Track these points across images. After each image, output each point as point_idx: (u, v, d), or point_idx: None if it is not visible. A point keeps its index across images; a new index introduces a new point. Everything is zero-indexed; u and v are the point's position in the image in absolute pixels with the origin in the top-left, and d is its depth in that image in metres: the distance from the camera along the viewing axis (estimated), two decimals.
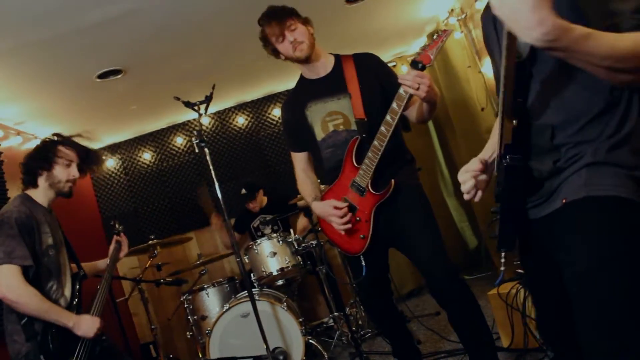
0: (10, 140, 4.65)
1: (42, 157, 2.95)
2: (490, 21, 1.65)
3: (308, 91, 2.95)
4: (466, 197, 1.62)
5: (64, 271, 2.93)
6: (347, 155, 2.83)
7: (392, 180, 2.74)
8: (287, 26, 2.80)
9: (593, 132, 1.43)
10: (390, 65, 5.11)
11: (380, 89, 2.84)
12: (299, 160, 3.12)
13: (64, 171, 2.96)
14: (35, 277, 2.71)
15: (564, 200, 1.46)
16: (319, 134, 2.93)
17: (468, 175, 1.61)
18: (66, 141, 3.05)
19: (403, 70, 6.39)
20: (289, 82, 6.27)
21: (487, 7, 1.72)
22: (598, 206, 1.40)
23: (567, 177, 1.46)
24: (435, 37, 2.51)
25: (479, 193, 1.61)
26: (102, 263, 3.36)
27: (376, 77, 2.87)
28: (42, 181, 2.92)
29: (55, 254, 2.87)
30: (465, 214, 6.46)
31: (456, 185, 6.40)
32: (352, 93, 2.82)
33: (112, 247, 3.41)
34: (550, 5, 1.15)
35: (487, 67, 4.88)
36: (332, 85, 2.89)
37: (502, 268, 1.56)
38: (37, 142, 5.12)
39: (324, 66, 2.94)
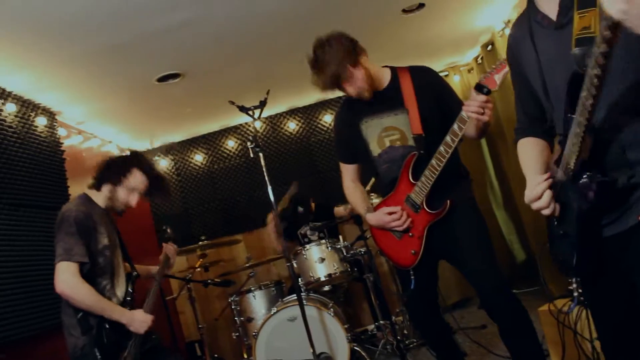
0: (72, 139, 4.83)
1: (116, 171, 3.04)
2: (526, 36, 1.63)
3: (364, 105, 2.88)
4: (547, 212, 1.58)
5: (118, 271, 3.02)
6: (404, 171, 2.81)
7: (448, 201, 2.72)
8: (342, 81, 2.72)
9: None
10: (442, 74, 5.09)
11: (437, 104, 2.80)
12: (349, 171, 3.11)
13: (126, 194, 3.05)
14: (90, 274, 2.80)
15: (639, 218, 1.42)
16: (375, 150, 2.91)
17: (544, 186, 1.57)
18: (145, 167, 3.11)
19: (455, 80, 6.35)
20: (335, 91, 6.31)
21: (518, 22, 1.70)
22: None
23: None
24: (502, 61, 2.48)
25: (558, 206, 1.57)
26: (155, 269, 3.45)
27: (433, 92, 2.82)
28: (105, 189, 3.02)
29: (110, 254, 2.96)
30: (514, 227, 6.37)
31: (506, 197, 6.32)
32: (409, 108, 2.78)
33: (163, 254, 3.47)
34: None
35: None
36: (389, 100, 2.84)
37: (575, 294, 1.53)
38: (97, 141, 5.32)
39: (379, 81, 2.86)
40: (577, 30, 1.36)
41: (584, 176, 1.45)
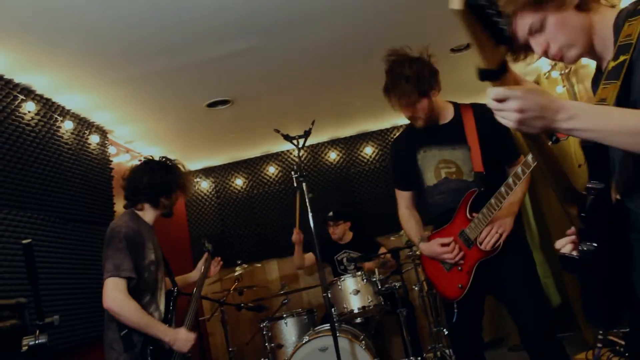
0: (120, 157, 4.98)
1: (169, 183, 3.14)
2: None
3: (424, 135, 2.95)
4: (565, 250, 1.60)
5: (160, 287, 3.08)
6: (462, 205, 2.85)
7: (501, 242, 2.77)
8: (405, 103, 2.78)
9: None
10: None
11: (496, 143, 2.84)
12: (405, 198, 3.16)
13: (177, 196, 3.21)
14: (135, 289, 2.86)
15: None
16: (430, 180, 2.96)
17: (564, 241, 1.60)
18: (181, 170, 3.27)
19: None
20: (382, 122, 6.38)
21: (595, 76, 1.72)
22: None
23: None
24: None
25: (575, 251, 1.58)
26: (193, 276, 3.55)
27: (494, 131, 2.79)
28: (148, 206, 3.11)
29: (155, 269, 3.03)
30: (550, 269, 6.27)
31: (543, 239, 6.24)
32: (471, 145, 2.84)
33: (201, 263, 3.57)
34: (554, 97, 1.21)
35: None
36: (450, 134, 2.90)
37: (598, 345, 1.54)
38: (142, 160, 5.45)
39: (442, 114, 2.93)
40: (595, 100, 1.39)
41: (580, 244, 1.49)
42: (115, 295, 2.76)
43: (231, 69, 4.06)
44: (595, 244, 1.43)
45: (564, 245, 1.58)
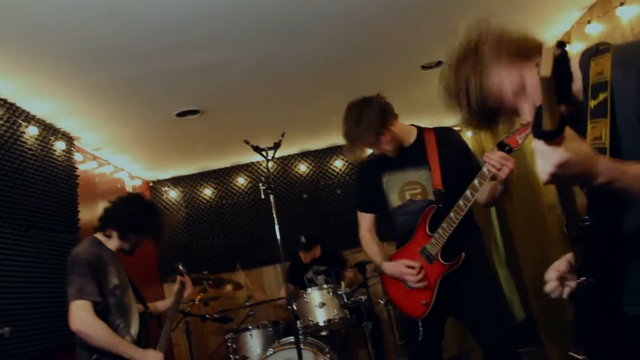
0: (86, 164, 4.90)
1: (145, 224, 3.17)
2: None
3: (389, 159, 3.03)
4: (552, 295, 1.62)
5: (131, 310, 3.09)
6: (422, 222, 2.90)
7: (463, 253, 2.80)
8: (372, 145, 2.94)
9: None
10: (456, 129, 5.18)
11: (457, 163, 2.93)
12: (367, 220, 3.21)
13: (146, 240, 3.24)
14: (102, 314, 2.86)
15: None
16: (395, 201, 3.02)
17: (553, 275, 1.61)
18: (162, 218, 3.31)
19: (468, 135, 6.42)
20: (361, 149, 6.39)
21: None
22: None
23: None
24: (526, 123, 2.58)
25: (566, 290, 1.61)
26: (162, 304, 3.56)
27: (455, 152, 2.98)
28: (114, 235, 3.13)
29: (121, 294, 3.04)
30: (515, 285, 6.34)
31: (509, 255, 6.32)
32: (432, 165, 2.92)
33: (176, 287, 3.59)
34: (595, 156, 1.22)
35: None
36: (413, 156, 3.00)
37: None
38: (110, 168, 5.39)
39: (405, 139, 3.03)
40: (589, 139, 1.41)
41: (578, 280, 1.51)
42: (81, 316, 2.77)
43: (202, 79, 4.05)
44: (593, 279, 1.47)
45: (552, 282, 1.62)
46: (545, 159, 1.18)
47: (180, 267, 3.66)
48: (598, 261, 1.48)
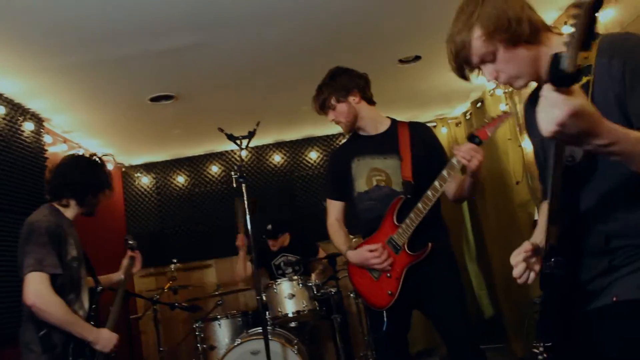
0: (56, 147, 4.80)
1: (98, 182, 3.06)
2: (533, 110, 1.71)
3: (358, 146, 3.09)
4: (519, 281, 1.62)
5: (83, 285, 2.96)
6: (389, 212, 2.90)
7: (430, 243, 2.81)
8: (326, 108, 3.04)
9: None
10: (431, 125, 5.21)
11: (428, 158, 2.95)
12: (335, 208, 3.21)
13: (104, 196, 3.11)
14: (60, 287, 2.73)
15: (614, 298, 1.45)
16: (361, 187, 3.03)
17: (520, 257, 1.61)
18: (109, 184, 3.17)
19: (442, 132, 6.46)
20: (329, 128, 6.38)
21: (533, 95, 1.77)
22: None
23: (622, 275, 1.46)
24: (495, 116, 2.62)
25: (532, 275, 1.61)
26: (116, 276, 3.41)
27: (426, 146, 3.00)
28: (72, 202, 2.99)
29: (77, 266, 2.91)
30: (484, 282, 6.41)
31: (479, 252, 6.38)
32: (403, 156, 2.94)
33: (125, 261, 3.44)
34: (600, 115, 1.20)
35: (527, 142, 4.91)
36: (383, 144, 3.02)
37: (539, 357, 1.56)
38: (81, 152, 5.28)
39: (376, 126, 3.08)
40: None
41: (548, 262, 1.52)
42: (39, 290, 2.62)
43: (176, 63, 3.98)
44: (563, 259, 1.48)
45: (520, 265, 1.61)
46: (554, 109, 1.14)
47: (130, 242, 3.53)
48: (570, 244, 1.48)
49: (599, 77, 1.41)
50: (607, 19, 3.50)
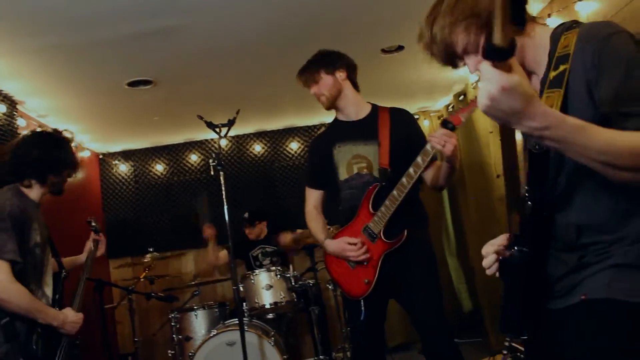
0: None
1: (61, 159, 2.89)
2: None
3: (339, 132, 3.06)
4: (488, 272, 1.60)
5: (47, 270, 2.85)
6: (365, 201, 2.88)
7: (405, 230, 2.79)
8: (310, 79, 3.02)
9: (624, 233, 1.39)
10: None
11: (408, 144, 2.92)
12: (314, 196, 3.18)
13: (67, 174, 2.95)
14: (20, 274, 2.62)
15: (583, 297, 1.43)
16: (342, 174, 3.00)
17: (491, 249, 1.59)
18: (72, 145, 3.02)
19: (425, 124, 6.44)
20: (311, 118, 6.34)
21: None
22: (617, 311, 1.36)
23: (591, 273, 1.43)
24: (469, 101, 2.60)
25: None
26: (81, 258, 3.29)
27: (407, 133, 2.97)
28: (35, 181, 2.84)
29: (41, 252, 2.80)
30: (464, 276, 6.41)
31: (459, 246, 6.37)
32: (381, 141, 2.91)
33: (88, 244, 3.31)
34: (536, 97, 1.18)
35: None
36: (364, 129, 2.99)
37: (504, 352, 1.54)
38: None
39: (357, 111, 3.05)
40: None
41: (509, 251, 1.50)
42: None
43: (154, 47, 3.88)
44: (527, 249, 1.45)
45: (490, 256, 1.60)
46: (487, 83, 1.14)
47: (93, 224, 3.39)
48: (539, 235, 1.46)
49: (574, 66, 1.39)
50: (589, 11, 3.49)
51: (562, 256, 1.48)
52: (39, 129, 3.07)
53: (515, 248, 1.46)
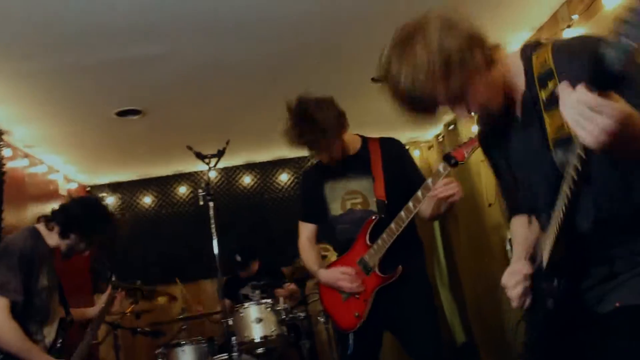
0: (16, 161, 4.60)
1: (90, 227, 2.91)
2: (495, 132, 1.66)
3: (332, 167, 2.96)
4: (515, 304, 1.54)
5: (52, 316, 2.87)
6: (362, 232, 2.83)
7: (400, 266, 2.73)
8: (323, 150, 2.81)
9: None
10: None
11: (401, 175, 2.88)
12: (307, 230, 3.13)
13: (85, 247, 2.96)
14: (22, 315, 2.64)
15: (617, 304, 1.39)
16: (336, 210, 2.95)
17: (519, 278, 1.53)
18: (114, 231, 3.06)
19: (415, 155, 6.43)
20: (301, 151, 6.28)
21: (484, 134, 1.75)
22: None
23: (622, 281, 1.40)
24: (473, 136, 2.55)
25: (528, 300, 1.54)
26: (91, 311, 3.32)
27: (399, 163, 2.93)
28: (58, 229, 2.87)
29: (47, 296, 2.82)
30: (457, 309, 6.32)
31: (452, 277, 6.30)
32: (375, 175, 2.87)
33: (104, 298, 3.33)
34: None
35: None
36: (357, 165, 2.93)
37: None
38: (44, 168, 5.10)
39: (350, 147, 2.97)
40: (552, 130, 1.36)
41: (551, 281, 1.45)
42: None
43: (144, 76, 3.86)
44: (565, 280, 1.43)
45: (518, 286, 1.54)
46: (598, 116, 1.01)
47: (113, 279, 3.41)
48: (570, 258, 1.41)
49: (561, 78, 1.33)
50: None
51: (590, 270, 1.44)
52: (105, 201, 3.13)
53: (557, 281, 1.42)
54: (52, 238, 2.87)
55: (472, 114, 1.53)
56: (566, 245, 1.40)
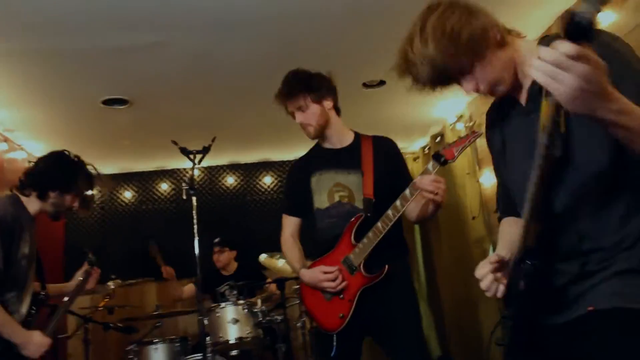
0: None
1: (65, 178, 2.79)
2: (499, 120, 1.66)
3: (320, 159, 2.93)
4: (487, 294, 1.52)
5: (28, 287, 2.76)
6: (347, 231, 2.76)
7: (386, 266, 2.66)
8: (296, 106, 2.82)
9: (628, 240, 1.36)
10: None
11: (391, 174, 2.82)
12: (291, 224, 3.04)
13: (71, 200, 2.83)
14: (0, 283, 2.55)
15: (590, 308, 1.37)
16: (323, 202, 2.87)
17: (486, 269, 1.51)
18: (92, 176, 2.94)
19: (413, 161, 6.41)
20: (287, 154, 6.27)
21: (492, 110, 1.73)
22: (628, 319, 1.32)
23: (596, 283, 1.39)
24: (464, 135, 2.52)
25: (501, 288, 1.51)
26: (69, 286, 3.19)
27: (390, 162, 2.87)
28: (35, 194, 2.77)
29: (27, 265, 2.71)
30: (434, 322, 6.29)
31: (430, 289, 6.28)
32: (365, 171, 2.81)
33: (79, 272, 3.21)
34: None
35: (485, 177, 4.89)
36: (346, 159, 2.88)
37: None
38: (23, 154, 4.99)
39: (341, 139, 2.94)
40: (545, 116, 1.35)
41: (523, 264, 1.43)
42: None
43: (133, 65, 3.79)
44: (538, 262, 1.40)
45: (488, 276, 1.52)
46: (577, 63, 1.02)
47: (90, 256, 3.28)
48: (541, 247, 1.40)
49: None
50: (607, 22, 3.44)
51: (561, 267, 1.43)
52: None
53: (528, 262, 1.40)
54: (32, 204, 2.75)
55: (478, 91, 1.54)
56: (536, 229, 1.40)
